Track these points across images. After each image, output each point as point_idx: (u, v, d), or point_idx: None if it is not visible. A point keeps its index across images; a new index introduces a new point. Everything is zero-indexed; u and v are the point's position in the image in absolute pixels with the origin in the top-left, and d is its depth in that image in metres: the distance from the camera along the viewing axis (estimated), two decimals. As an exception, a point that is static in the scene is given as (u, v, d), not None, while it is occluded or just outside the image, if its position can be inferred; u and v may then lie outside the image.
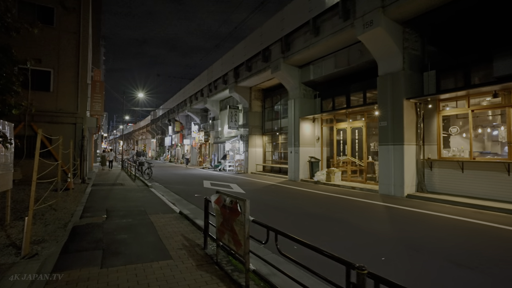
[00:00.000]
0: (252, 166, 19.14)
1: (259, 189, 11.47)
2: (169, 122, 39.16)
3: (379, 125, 10.05)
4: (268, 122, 19.21)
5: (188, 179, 15.71)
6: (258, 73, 16.19)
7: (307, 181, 13.67)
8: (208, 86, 23.43)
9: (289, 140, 14.86)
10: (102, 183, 13.02)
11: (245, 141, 19.30)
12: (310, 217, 6.75)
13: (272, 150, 19.12)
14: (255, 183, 13.66)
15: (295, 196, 9.91)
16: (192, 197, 9.68)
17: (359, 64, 11.41)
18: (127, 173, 18.66)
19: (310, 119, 14.43)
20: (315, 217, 6.75)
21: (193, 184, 13.16)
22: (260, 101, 19.65)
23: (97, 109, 14.25)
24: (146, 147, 58.89)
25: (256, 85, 18.72)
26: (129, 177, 16.13)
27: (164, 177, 16.73)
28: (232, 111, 20.13)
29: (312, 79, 13.69)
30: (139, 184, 12.80)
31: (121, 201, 8.33)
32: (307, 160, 14.25)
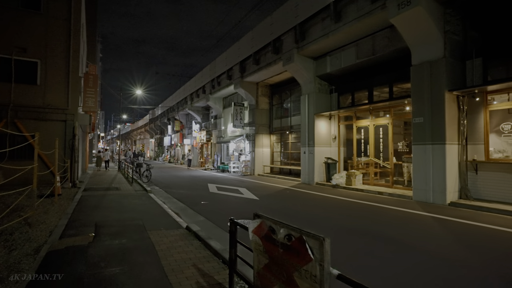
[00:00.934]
0: (259, 168, 17.80)
1: (273, 195, 10.14)
2: (169, 121, 37.77)
3: (413, 122, 8.74)
4: (277, 120, 17.88)
5: (191, 182, 14.35)
6: (267, 66, 14.86)
7: (323, 185, 12.35)
8: (211, 82, 22.08)
9: (302, 139, 13.54)
10: (95, 187, 11.65)
11: (251, 141, 17.96)
12: (349, 233, 5.42)
13: (280, 150, 17.78)
14: (266, 187, 12.32)
15: (317, 203, 8.58)
16: (198, 204, 8.34)
17: (385, 53, 10.10)
18: (124, 175, 17.28)
19: (326, 116, 13.11)
20: (356, 233, 5.42)
21: (197, 188, 11.81)
22: (267, 98, 18.31)
23: (90, 104, 12.89)
24: (145, 147, 57.45)
25: (263, 80, 17.38)
26: (125, 179, 14.76)
27: (164, 179, 15.37)
28: (237, 109, 18.78)
29: (329, 71, 12.37)
30: (137, 188, 11.44)
31: (115, 211, 6.97)
32: (322, 162, 12.92)
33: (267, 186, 12.57)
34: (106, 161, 23.56)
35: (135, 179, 13.86)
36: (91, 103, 13.06)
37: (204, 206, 8.18)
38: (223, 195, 10.00)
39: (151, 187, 12.00)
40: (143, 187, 11.53)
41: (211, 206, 8.11)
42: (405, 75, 10.20)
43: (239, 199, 9.22)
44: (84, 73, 13.33)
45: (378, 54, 10.30)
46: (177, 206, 8.32)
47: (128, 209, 7.28)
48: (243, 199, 9.29)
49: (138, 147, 61.58)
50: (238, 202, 8.80)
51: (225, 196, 9.90)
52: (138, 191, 10.72)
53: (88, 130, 17.89)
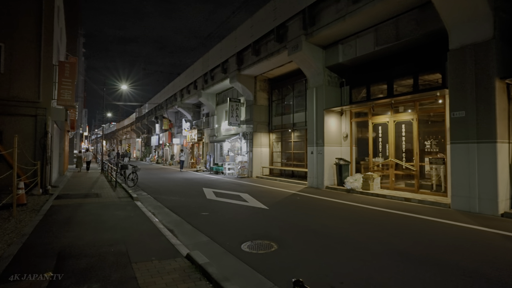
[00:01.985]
0: (257, 169, 16.29)
1: (283, 202, 8.65)
2: (156, 120, 35.80)
3: (450, 117, 7.43)
4: (277, 118, 16.41)
5: (183, 186, 12.71)
6: (269, 56, 13.36)
7: (335, 189, 10.95)
8: (203, 77, 20.41)
9: (309, 138, 12.11)
10: (71, 193, 9.89)
11: (248, 140, 16.43)
12: (410, 262, 3.97)
13: (281, 150, 16.32)
14: (270, 192, 10.83)
15: (340, 213, 7.13)
16: (196, 216, 6.76)
17: (411, 38, 8.78)
18: (107, 177, 15.47)
19: (336, 112, 11.72)
20: (418, 262, 3.97)
21: (191, 194, 10.20)
22: (266, 93, 16.82)
23: (66, 97, 11.11)
24: (131, 147, 55.07)
25: (262, 74, 15.88)
26: (108, 183, 12.99)
27: (153, 183, 13.66)
28: (233, 105, 17.21)
29: (341, 61, 10.98)
30: (121, 194, 9.74)
31: (90, 230, 5.33)
32: (333, 163, 11.53)
33: (271, 191, 11.08)
34: (88, 162, 21.79)
35: (119, 183, 12.12)
36: (67, 95, 11.24)
37: (205, 218, 6.61)
38: (224, 203, 8.45)
39: (138, 193, 10.33)
40: (128, 193, 9.85)
41: (214, 219, 6.56)
42: (435, 63, 8.92)
43: (245, 209, 7.69)
44: (59, 61, 11.50)
45: (403, 39, 8.97)
46: (170, 219, 6.73)
47: (108, 226, 5.65)
48: (250, 208, 7.77)
49: (124, 147, 59.08)
50: (244, 212, 7.27)
51: (226, 204, 8.35)
52: (122, 198, 9.04)
53: (66, 127, 15.96)
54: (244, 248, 4.62)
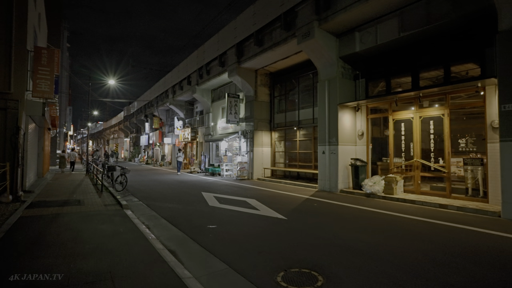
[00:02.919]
0: (258, 171, 15.02)
1: (299, 210, 7.41)
2: (146, 118, 34.08)
3: (501, 110, 6.34)
4: (279, 115, 15.18)
5: (179, 190, 11.32)
6: (274, 47, 12.11)
7: (351, 193, 9.78)
8: (198, 71, 19.00)
9: (320, 136, 10.93)
10: (48, 199, 8.39)
11: (249, 139, 15.14)
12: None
13: (284, 150, 15.09)
14: (279, 197, 9.58)
15: (371, 224, 5.92)
16: (202, 230, 5.43)
17: (445, 22, 7.69)
18: (93, 180, 13.92)
19: (351, 107, 10.58)
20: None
21: (190, 200, 8.84)
22: (267, 88, 15.57)
23: (43, 88, 9.59)
24: (119, 147, 52.94)
25: (264, 67, 14.63)
26: (93, 186, 11.49)
27: (144, 186, 12.21)
28: (231, 101, 15.88)
29: (358, 51, 9.84)
30: (108, 201, 8.31)
31: (64, 256, 3.95)
32: (348, 164, 10.38)
33: (280, 195, 9.83)
34: (72, 162, 20.38)
35: (106, 187, 10.66)
36: (44, 86, 9.71)
37: (213, 233, 5.30)
38: (231, 212, 7.14)
39: (128, 199, 8.91)
40: (116, 200, 8.43)
41: (225, 234, 5.25)
42: (472, 50, 7.86)
43: (259, 219, 6.41)
44: (35, 47, 9.95)
45: (434, 23, 7.86)
46: (170, 234, 5.39)
47: (90, 248, 4.28)
48: (264, 219, 6.49)
49: (112, 147, 56.84)
50: (260, 225, 5.98)
51: (234, 213, 7.05)
52: (109, 205, 7.62)
53: (46, 124, 14.31)
54: (279, 281, 3.35)
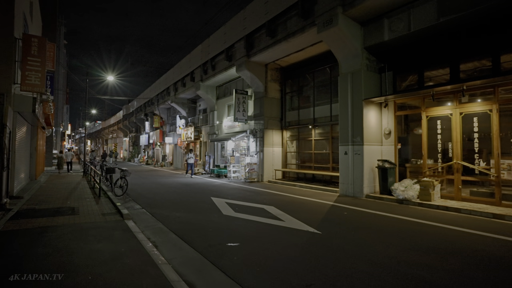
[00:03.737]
0: (269, 172, 13.97)
1: (330, 220, 6.36)
2: (146, 117, 32.98)
3: None
4: (292, 112, 14.12)
5: (185, 194, 10.26)
6: (289, 37, 11.05)
7: (379, 199, 8.75)
8: (202, 67, 17.92)
9: (342, 135, 9.89)
10: (38, 207, 7.32)
11: (258, 138, 14.09)
12: None
13: (297, 150, 14.04)
14: (300, 203, 8.53)
15: (425, 240, 4.84)
16: (223, 250, 4.35)
17: (496, 3, 6.65)
18: (90, 182, 12.85)
19: (376, 103, 9.55)
20: None
21: (200, 208, 7.78)
22: (278, 84, 14.52)
23: (33, 82, 8.52)
24: (118, 146, 51.84)
25: (275, 61, 13.58)
26: (90, 190, 10.42)
27: (146, 190, 11.15)
28: (239, 98, 14.82)
29: (387, 40, 8.80)
30: (106, 208, 7.24)
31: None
32: (375, 166, 9.35)
33: (300, 202, 8.78)
34: (69, 162, 19.41)
35: (104, 191, 9.60)
36: (35, 79, 8.63)
37: (237, 254, 4.24)
38: (251, 224, 6.08)
39: (129, 206, 7.86)
40: (115, 207, 7.37)
41: (253, 256, 4.19)
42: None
43: (288, 234, 5.35)
44: (24, 34, 8.87)
45: (482, 5, 6.83)
46: (184, 256, 4.33)
47: (81, 283, 3.21)
48: (293, 232, 5.43)
49: (110, 147, 55.74)
50: (292, 241, 4.92)
51: (255, 225, 5.99)
52: (107, 215, 6.57)
53: (39, 123, 13.21)
54: None
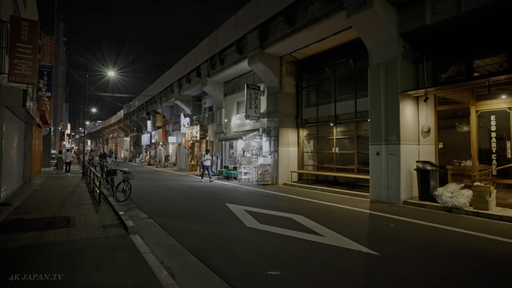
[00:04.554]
0: (284, 174, 12.84)
1: (378, 234, 5.22)
2: (148, 116, 31.88)
3: None
4: (309, 109, 12.99)
5: (196, 199, 9.14)
6: (311, 24, 9.92)
7: (421, 206, 7.61)
8: (210, 61, 16.79)
9: (373, 133, 8.76)
10: (27, 216, 6.20)
11: (273, 137, 12.96)
12: None
13: (315, 150, 12.90)
14: (330, 211, 7.40)
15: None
16: (263, 283, 3.26)
17: None
18: (89, 185, 11.74)
19: (413, 97, 8.44)
20: None
21: (217, 218, 6.64)
22: (293, 79, 13.39)
23: (23, 71, 7.39)
24: (118, 146, 50.78)
25: (291, 53, 12.44)
26: (90, 194, 9.31)
27: (152, 195, 10.02)
28: (251, 93, 13.69)
29: (429, 23, 7.66)
30: (107, 218, 6.12)
31: None
32: (413, 168, 8.21)
33: (330, 210, 7.65)
34: (68, 163, 18.57)
35: (104, 196, 8.48)
36: (25, 69, 7.52)
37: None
38: (285, 241, 4.94)
39: (133, 215, 6.73)
40: (118, 217, 6.25)
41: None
42: None
43: (337, 255, 4.21)
44: (12, 17, 7.76)
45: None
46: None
47: None
48: (343, 253, 4.29)
49: (111, 147, 54.67)
50: (346, 268, 3.78)
51: (291, 242, 4.85)
52: (109, 227, 5.45)
53: (34, 120, 12.08)
54: None
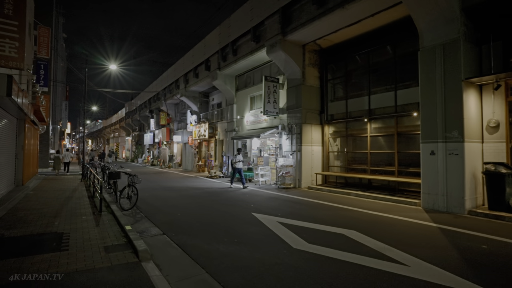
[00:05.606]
0: (307, 177, 11.44)
1: (474, 263, 3.82)
2: (151, 114, 30.50)
3: None
4: (336, 104, 11.59)
5: (215, 208, 7.73)
6: (348, 2, 8.52)
7: (497, 217, 6.20)
8: (221, 52, 15.40)
9: (426, 129, 7.36)
10: (9, 234, 4.81)
11: (295, 135, 11.56)
12: None
13: (343, 149, 11.48)
14: (384, 223, 6.00)
15: None
16: None
17: None
18: (89, 189, 10.36)
19: (475, 86, 7.04)
20: None
21: (249, 234, 5.24)
22: (317, 70, 11.99)
23: (7, 52, 5.96)
24: (120, 146, 49.46)
25: (316, 40, 11.04)
26: (89, 200, 7.92)
27: (161, 201, 8.63)
28: (269, 86, 12.29)
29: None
30: (111, 234, 4.72)
31: None
32: (481, 170, 6.81)
33: (382, 220, 6.25)
34: (66, 163, 17.96)
35: (107, 203, 7.11)
36: (10, 50, 6.15)
37: None
38: (356, 271, 3.53)
39: (143, 229, 5.33)
40: (124, 233, 4.86)
41: None
42: None
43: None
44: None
45: None
46: None
47: None
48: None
49: (112, 147, 53.37)
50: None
51: (365, 274, 3.44)
52: (113, 250, 4.05)
53: (28, 116, 10.69)
54: None
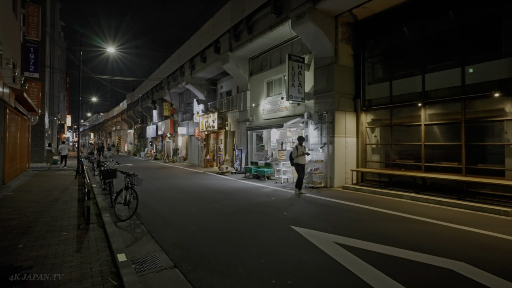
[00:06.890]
0: (341, 174, 9.63)
1: None
2: (154, 105, 28.70)
3: None
4: (375, 86, 9.69)
5: (238, 217, 5.94)
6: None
7: None
8: (233, 31, 13.46)
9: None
10: None
11: (326, 123, 9.71)
12: None
13: (383, 141, 9.63)
14: (487, 246, 4.18)
15: None
16: None
17: None
18: (82, 189, 8.62)
19: None
20: None
21: (302, 266, 3.44)
22: (350, 47, 10.07)
23: None
24: (122, 139, 47.83)
25: (352, 9, 9.11)
26: (78, 204, 6.16)
27: (168, 206, 6.85)
28: (293, 67, 10.39)
29: None
30: (95, 269, 2.92)
31: None
32: None
33: (478, 240, 4.43)
34: (63, 156, 16.87)
35: (98, 210, 5.34)
36: None
37: None
38: None
39: (144, 256, 3.49)
40: (115, 267, 3.06)
41: None
42: None
43: None
44: None
45: None
46: None
47: None
48: None
49: (114, 140, 51.78)
50: None
51: None
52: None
53: (7, 103, 8.85)
54: None
